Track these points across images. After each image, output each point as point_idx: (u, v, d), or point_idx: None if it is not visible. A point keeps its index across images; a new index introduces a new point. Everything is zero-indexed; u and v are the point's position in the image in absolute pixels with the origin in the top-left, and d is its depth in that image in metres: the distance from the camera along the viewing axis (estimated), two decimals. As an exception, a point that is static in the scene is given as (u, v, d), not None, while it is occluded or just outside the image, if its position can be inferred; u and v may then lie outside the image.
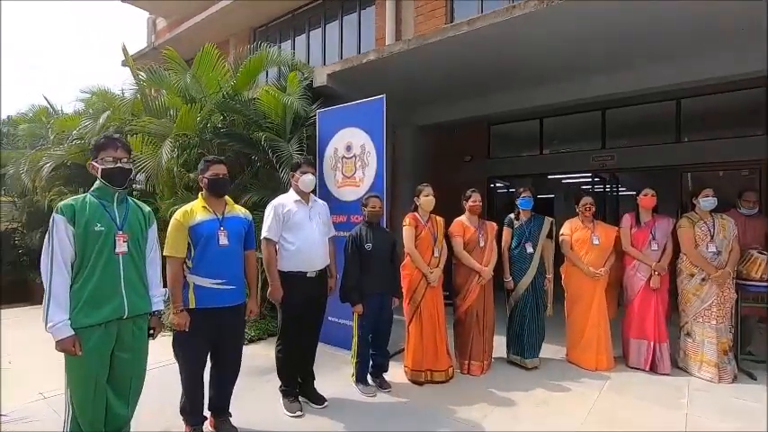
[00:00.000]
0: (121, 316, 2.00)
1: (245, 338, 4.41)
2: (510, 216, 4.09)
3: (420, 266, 3.48)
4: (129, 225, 2.08)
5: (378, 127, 4.07)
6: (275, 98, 4.89)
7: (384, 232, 3.46)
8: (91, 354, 1.91)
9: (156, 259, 2.24)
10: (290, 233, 2.96)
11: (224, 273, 2.48)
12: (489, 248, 3.80)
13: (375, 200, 3.38)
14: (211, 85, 5.17)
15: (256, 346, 4.48)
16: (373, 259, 3.28)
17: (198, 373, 2.51)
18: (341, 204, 4.38)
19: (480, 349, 3.71)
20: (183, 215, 2.45)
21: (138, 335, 2.09)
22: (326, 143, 4.56)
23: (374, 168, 4.12)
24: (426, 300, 3.51)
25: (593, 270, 3.86)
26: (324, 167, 4.58)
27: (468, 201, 3.83)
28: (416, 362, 3.49)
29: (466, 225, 3.80)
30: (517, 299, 3.91)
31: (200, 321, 2.43)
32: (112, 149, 2.03)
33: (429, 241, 3.55)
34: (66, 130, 6.68)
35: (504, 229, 4.04)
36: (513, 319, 3.94)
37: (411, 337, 3.54)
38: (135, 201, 2.22)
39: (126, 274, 2.03)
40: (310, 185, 3.05)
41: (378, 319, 3.35)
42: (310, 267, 2.97)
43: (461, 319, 3.78)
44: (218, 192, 2.55)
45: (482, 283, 3.70)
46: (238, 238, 2.59)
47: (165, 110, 5.26)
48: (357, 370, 3.38)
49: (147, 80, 5.41)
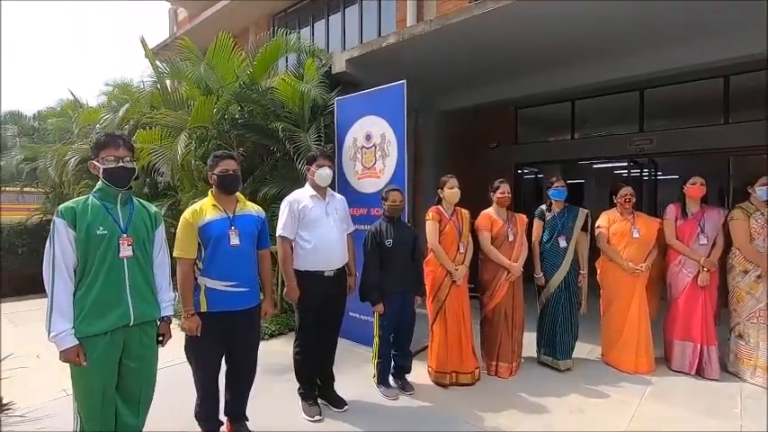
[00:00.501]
0: (127, 324, 1.89)
1: (262, 336, 4.36)
2: (541, 208, 3.82)
3: (444, 263, 3.28)
4: (134, 227, 1.96)
5: (398, 115, 3.84)
6: (292, 87, 4.72)
7: (405, 227, 3.27)
8: (96, 364, 1.82)
9: (164, 262, 2.13)
10: (306, 230, 2.80)
11: (236, 274, 2.35)
12: (519, 243, 3.56)
13: (396, 193, 3.18)
14: (228, 75, 5.04)
15: (276, 341, 4.40)
16: (394, 256, 3.10)
17: (212, 377, 2.42)
18: (360, 196, 4.21)
19: (509, 350, 3.50)
20: (192, 214, 2.32)
21: (146, 342, 1.99)
22: (345, 133, 4.37)
23: (395, 158, 3.91)
24: (451, 298, 3.31)
25: (633, 265, 3.56)
26: (342, 158, 4.40)
27: (496, 192, 3.58)
28: (441, 363, 3.31)
29: (493, 218, 3.56)
30: (549, 296, 3.66)
31: (212, 325, 2.32)
32: (113, 148, 1.91)
33: (454, 236, 3.34)
34: (90, 124, 6.73)
35: (534, 222, 3.78)
36: (545, 317, 3.70)
37: (435, 337, 3.36)
38: (140, 201, 2.10)
39: (131, 280, 1.92)
40: (327, 180, 2.88)
41: (400, 319, 3.18)
42: (328, 266, 2.82)
43: (489, 317, 3.57)
44: (229, 189, 2.41)
45: (511, 279, 3.47)
46: (251, 237, 2.45)
47: (183, 102, 5.17)
48: (378, 371, 3.23)
49: (164, 72, 5.32)
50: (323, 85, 4.94)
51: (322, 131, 4.63)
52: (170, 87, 5.87)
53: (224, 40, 4.89)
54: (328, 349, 3.01)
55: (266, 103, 4.92)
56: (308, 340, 2.86)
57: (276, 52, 5.21)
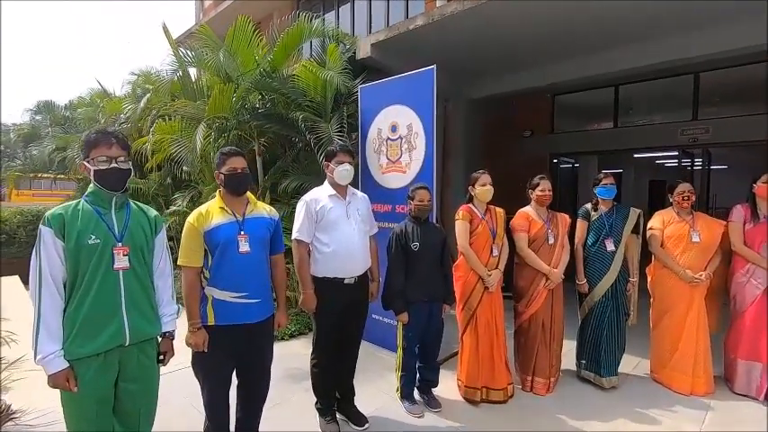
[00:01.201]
0: (122, 344, 1.69)
1: (281, 336, 4.19)
2: (586, 207, 3.43)
3: (476, 268, 2.98)
4: (131, 235, 1.75)
5: (427, 104, 3.51)
6: (314, 74, 4.45)
7: (433, 229, 2.97)
8: (89, 388, 1.64)
9: (166, 271, 1.92)
10: (324, 233, 2.55)
11: (245, 284, 2.13)
12: (560, 246, 3.20)
13: (423, 192, 2.88)
14: (248, 63, 4.82)
15: (296, 342, 4.22)
16: (420, 260, 2.82)
17: (221, 395, 2.21)
18: (385, 192, 3.92)
19: (546, 364, 3.18)
20: (198, 218, 2.10)
21: (145, 363, 1.79)
22: (369, 123, 4.07)
23: (422, 152, 3.59)
24: (483, 306, 3.01)
25: (691, 274, 3.15)
26: (366, 151, 4.11)
27: (536, 189, 3.22)
28: (471, 377, 3.03)
29: (532, 218, 3.21)
30: (592, 305, 3.30)
31: (220, 339, 2.11)
32: (105, 147, 1.69)
33: (486, 238, 3.02)
34: (115, 114, 6.70)
35: (578, 223, 3.40)
36: (588, 327, 3.34)
37: (465, 348, 3.08)
38: (138, 204, 1.89)
39: (127, 294, 1.72)
40: (348, 178, 2.61)
41: (426, 330, 2.91)
42: (348, 273, 2.56)
43: (524, 327, 3.25)
44: (237, 189, 2.18)
45: (550, 286, 3.13)
46: (262, 242, 2.22)
47: (203, 91, 5.00)
48: (402, 385, 2.98)
49: (182, 60, 5.15)
50: (346, 72, 4.66)
51: (345, 121, 4.35)
52: (194, 77, 5.72)
53: (243, 24, 4.65)
54: (348, 363, 2.77)
55: (287, 92, 4.67)
56: (327, 353, 2.63)
57: (298, 37, 4.95)
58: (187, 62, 5.39)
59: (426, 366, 3.02)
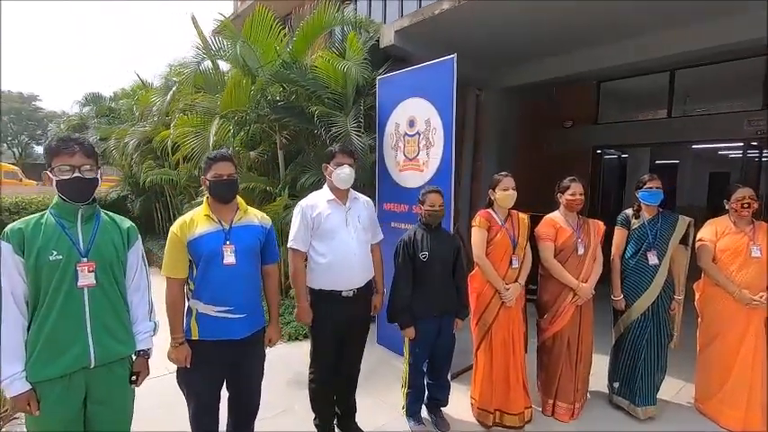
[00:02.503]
0: (87, 365, 1.60)
1: (285, 339, 4.07)
2: (626, 213, 3.03)
3: (492, 281, 2.70)
4: (98, 249, 1.64)
5: (446, 96, 3.22)
6: (332, 65, 4.23)
7: (446, 237, 2.71)
8: (52, 412, 1.56)
9: (141, 286, 1.81)
10: (320, 242, 2.37)
11: (230, 298, 1.99)
12: (591, 257, 2.85)
13: (434, 196, 2.62)
14: (267, 53, 4.67)
15: (300, 345, 4.06)
16: (430, 272, 2.58)
17: (207, 411, 2.09)
18: (402, 191, 3.68)
19: (571, 388, 2.86)
20: (181, 227, 1.97)
21: (115, 384, 1.69)
22: (387, 117, 3.82)
23: (440, 149, 3.31)
24: (499, 323, 2.73)
25: (749, 294, 2.70)
26: (384, 146, 3.88)
27: (566, 193, 2.86)
28: (484, 398, 2.78)
29: (559, 225, 2.87)
30: (629, 324, 2.93)
31: (205, 355, 2.00)
32: (67, 155, 1.57)
33: (506, 247, 2.73)
34: (147, 106, 6.83)
35: (615, 231, 3.02)
36: (623, 349, 2.98)
37: (479, 366, 2.83)
38: (110, 215, 1.77)
39: (93, 313, 1.61)
40: (347, 181, 2.40)
41: (435, 345, 2.68)
42: (346, 285, 2.37)
43: (547, 345, 2.94)
44: (223, 197, 2.02)
45: (578, 302, 2.80)
46: (250, 252, 2.06)
47: (225, 84, 4.92)
48: (408, 402, 2.78)
49: (204, 52, 5.08)
50: (367, 62, 4.40)
51: (361, 115, 4.12)
52: (225, 70, 5.66)
53: (261, 13, 4.50)
54: (348, 380, 2.60)
55: (306, 84, 4.50)
56: (325, 369, 2.47)
57: (319, 25, 4.74)
58: (210, 54, 5.33)
59: (435, 384, 2.81)
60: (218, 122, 4.24)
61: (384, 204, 3.88)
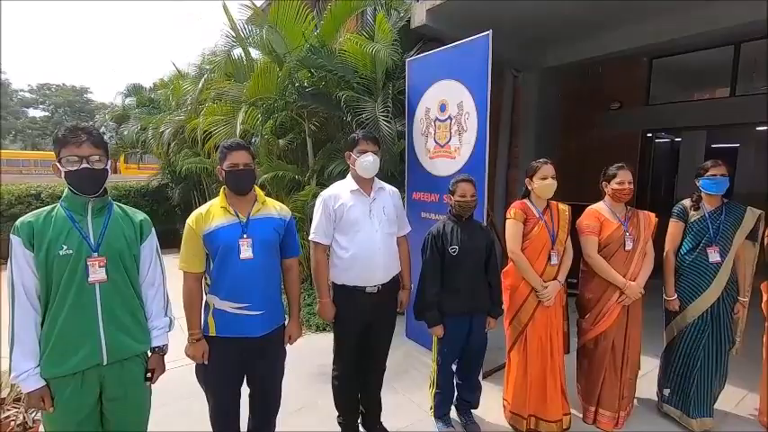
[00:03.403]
0: (99, 363, 1.56)
1: (312, 329, 3.99)
2: (682, 204, 2.71)
3: (528, 278, 2.49)
4: (109, 244, 1.59)
5: (480, 78, 2.98)
6: (361, 48, 4.06)
7: (478, 230, 2.51)
8: (66, 410, 1.53)
9: (155, 280, 1.75)
10: (343, 235, 2.24)
11: (248, 294, 1.90)
12: (640, 253, 2.57)
13: (465, 185, 2.42)
14: (295, 39, 4.55)
15: (327, 336, 3.94)
16: (460, 267, 2.40)
17: (227, 408, 2.05)
18: (432, 180, 3.50)
19: (615, 395, 2.62)
20: (197, 220, 1.90)
21: (129, 381, 1.65)
22: (417, 101, 3.62)
23: (473, 135, 3.09)
24: (536, 323, 2.53)
25: (832, 298, 2.35)
26: (413, 133, 3.69)
27: (612, 182, 2.59)
28: (517, 401, 2.60)
29: (604, 217, 2.60)
30: (684, 327, 2.65)
31: (223, 352, 1.93)
32: (74, 145, 1.51)
33: (544, 242, 2.50)
34: (182, 95, 6.92)
35: (670, 224, 2.71)
36: (675, 353, 2.70)
37: (512, 367, 2.64)
38: (123, 208, 1.71)
39: (106, 309, 1.57)
40: (371, 170, 2.25)
41: (465, 345, 2.52)
42: (369, 281, 2.24)
43: (589, 348, 2.70)
44: (239, 188, 1.93)
45: (625, 303, 2.54)
46: (269, 246, 1.97)
47: (252, 70, 4.86)
48: (436, 404, 2.64)
49: (232, 39, 5.03)
50: (397, 45, 4.19)
51: (389, 100, 3.93)
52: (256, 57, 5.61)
53: (288, -3, 4.37)
54: (374, 377, 2.49)
55: (333, 69, 4.35)
56: (349, 366, 2.37)
57: (348, 7, 4.56)
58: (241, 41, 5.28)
59: (465, 385, 2.65)
60: (246, 110, 4.17)
61: (413, 194, 3.71)
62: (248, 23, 4.90)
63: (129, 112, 10.53)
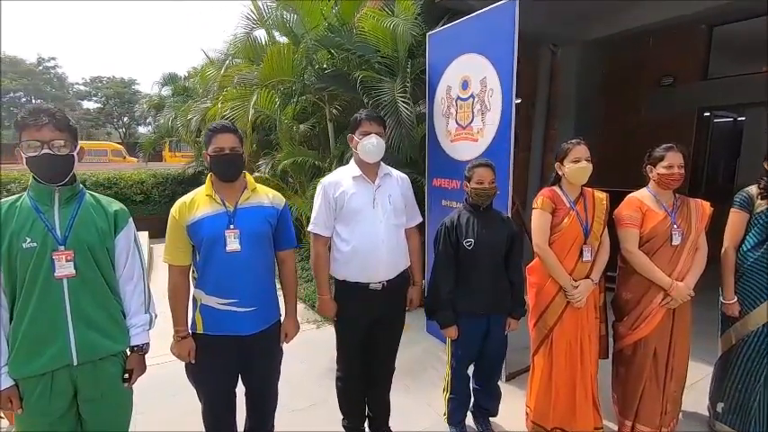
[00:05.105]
0: (69, 363, 1.45)
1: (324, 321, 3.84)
2: (747, 191, 2.30)
3: (556, 275, 2.20)
4: (77, 236, 1.46)
5: (506, 49, 2.65)
6: (380, 24, 3.79)
7: (497, 221, 2.24)
8: (35, 411, 1.45)
9: (134, 274, 1.63)
10: (344, 226, 2.04)
11: (235, 289, 1.76)
12: (691, 249, 2.21)
13: (483, 170, 2.14)
14: (314, 17, 4.34)
15: (330, 329, 3.85)
16: (476, 262, 2.15)
17: (220, 408, 1.93)
18: (454, 165, 3.22)
19: (656, 409, 2.30)
20: (180, 209, 1.76)
21: (106, 382, 1.55)
22: (438, 80, 3.33)
23: (498, 114, 2.78)
24: (564, 326, 2.24)
25: None
26: (434, 114, 3.41)
27: (658, 165, 2.22)
28: (540, 411, 2.33)
29: (647, 207, 2.25)
30: (744, 335, 2.28)
31: (212, 350, 1.80)
32: (34, 129, 1.38)
33: (575, 235, 2.19)
34: (209, 82, 6.91)
35: (731, 214, 2.32)
36: (734, 365, 2.33)
37: (535, 372, 2.37)
38: (96, 197, 1.58)
39: (75, 306, 1.46)
40: (375, 153, 2.02)
41: (482, 348, 2.27)
42: (373, 277, 2.04)
43: (626, 355, 2.37)
44: (225, 174, 1.76)
45: (671, 306, 2.20)
46: (259, 237, 1.80)
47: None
48: (450, 410, 2.42)
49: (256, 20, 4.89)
50: (419, 20, 3.88)
51: (408, 79, 3.65)
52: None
53: (305, -27, 4.15)
54: (381, 379, 2.29)
55: (353, 48, 4.11)
56: (353, 367, 2.20)
57: (368, -19, 4.29)
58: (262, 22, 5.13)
59: (483, 390, 2.42)
60: (261, 93, 4.04)
61: (434, 180, 3.45)
62: (268, 3, 4.73)
63: (166, 101, 10.77)
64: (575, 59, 5.32)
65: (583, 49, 5.27)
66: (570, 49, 5.23)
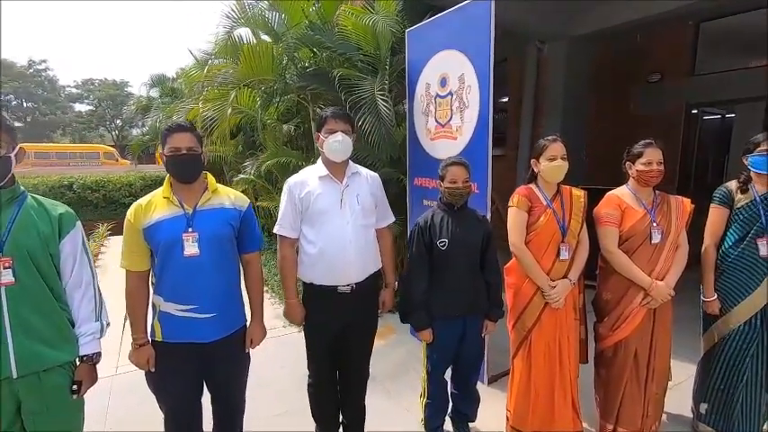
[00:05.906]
0: (8, 376, 1.37)
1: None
2: (726, 187, 2.25)
3: (533, 275, 2.14)
4: (17, 241, 1.39)
5: (482, 45, 2.59)
6: (359, 21, 3.72)
7: (473, 221, 2.17)
8: (-28, 425, 1.36)
9: (82, 280, 1.55)
10: (310, 227, 1.97)
11: (194, 295, 1.68)
12: (671, 247, 2.16)
13: (456, 169, 2.09)
14: (295, 15, 4.27)
15: None
16: (451, 263, 2.09)
17: (182, 417, 1.85)
18: (434, 164, 3.09)
19: (637, 411, 2.24)
20: (135, 212, 1.68)
21: (50, 395, 1.47)
22: (417, 77, 3.27)
23: (476, 111, 2.72)
24: (542, 328, 2.18)
25: None
26: (414, 112, 3.34)
27: (637, 161, 2.17)
28: (519, 415, 2.27)
29: (626, 204, 2.19)
30: (726, 333, 2.23)
31: (172, 358, 1.73)
32: None
33: (552, 233, 2.13)
34: (193, 83, 6.83)
35: (711, 210, 2.27)
36: (716, 365, 2.28)
37: (515, 375, 2.31)
38: (39, 200, 1.50)
39: (14, 315, 1.38)
40: (341, 151, 1.96)
41: (459, 352, 2.21)
42: (340, 280, 1.97)
43: (607, 356, 2.32)
44: (183, 176, 1.69)
45: (651, 306, 2.14)
46: (220, 241, 1.73)
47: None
48: (427, 416, 2.36)
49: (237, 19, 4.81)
50: (401, 17, 3.82)
51: (387, 76, 3.59)
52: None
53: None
54: (354, 385, 2.22)
55: (333, 46, 4.04)
56: (322, 373, 2.13)
57: (350, -22, 4.22)
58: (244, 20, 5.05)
59: (461, 395, 2.35)
60: (241, 93, 3.96)
61: (415, 179, 3.39)
62: (249, 1, 4.66)
63: (154, 102, 10.66)
64: (562, 56, 5.28)
65: (569, 46, 5.22)
66: (557, 45, 5.19)
